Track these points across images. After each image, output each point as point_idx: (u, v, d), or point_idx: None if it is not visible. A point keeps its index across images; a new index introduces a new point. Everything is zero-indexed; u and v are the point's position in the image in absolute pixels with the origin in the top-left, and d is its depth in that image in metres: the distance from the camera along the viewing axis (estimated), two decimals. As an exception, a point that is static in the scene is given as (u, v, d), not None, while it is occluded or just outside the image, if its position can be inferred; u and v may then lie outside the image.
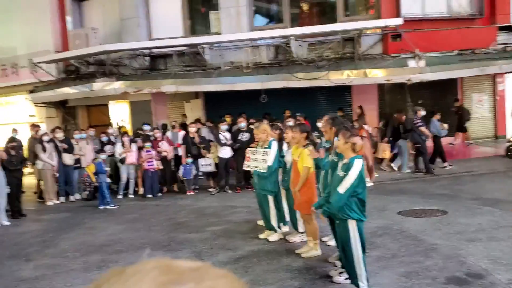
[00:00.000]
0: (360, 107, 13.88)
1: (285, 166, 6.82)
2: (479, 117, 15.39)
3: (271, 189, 6.88)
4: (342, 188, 4.55)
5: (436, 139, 12.21)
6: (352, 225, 4.67)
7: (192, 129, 11.80)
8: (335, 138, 5.28)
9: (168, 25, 14.57)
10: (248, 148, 7.72)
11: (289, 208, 6.91)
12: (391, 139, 12.35)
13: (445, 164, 12.16)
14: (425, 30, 12.52)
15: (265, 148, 6.92)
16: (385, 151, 12.43)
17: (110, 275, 0.73)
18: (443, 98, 15.30)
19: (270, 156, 6.76)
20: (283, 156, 7.07)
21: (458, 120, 14.30)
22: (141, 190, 11.76)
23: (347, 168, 4.62)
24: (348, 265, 4.83)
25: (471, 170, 11.92)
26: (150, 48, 14.01)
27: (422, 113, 11.80)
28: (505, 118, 15.03)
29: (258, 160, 7.09)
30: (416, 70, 11.89)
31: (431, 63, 12.06)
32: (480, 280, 5.02)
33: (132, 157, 11.31)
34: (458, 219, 7.47)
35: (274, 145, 6.89)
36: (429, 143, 12.07)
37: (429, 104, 14.90)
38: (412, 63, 11.94)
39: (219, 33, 13.92)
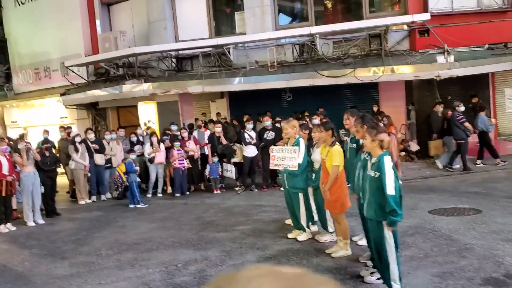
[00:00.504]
0: (377, 105, 13.69)
1: (313, 165, 6.80)
2: (511, 113, 14.98)
3: (302, 186, 6.87)
4: (390, 189, 4.46)
5: (485, 134, 12.06)
6: (385, 226, 4.62)
7: (218, 129, 11.90)
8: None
9: (194, 26, 14.71)
10: (272, 147, 7.65)
11: (318, 207, 6.89)
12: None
13: (497, 161, 11.92)
14: (454, 25, 12.26)
15: (293, 145, 6.90)
16: (437, 147, 12.32)
17: (221, 282, 0.76)
18: (475, 93, 14.96)
19: (300, 153, 6.74)
20: (310, 155, 7.05)
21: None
22: (169, 189, 11.94)
23: (377, 167, 4.58)
24: (381, 265, 4.78)
25: (505, 167, 11.64)
26: (176, 50, 14.17)
27: (461, 108, 11.60)
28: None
29: (287, 158, 7.04)
30: (445, 66, 11.67)
31: (460, 58, 11.81)
32: (517, 281, 4.91)
33: (160, 157, 11.49)
34: (493, 218, 7.30)
35: (302, 142, 6.88)
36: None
37: (459, 100, 14.63)
38: (440, 59, 11.72)
39: (244, 33, 13.97)
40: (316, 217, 7.16)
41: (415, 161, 13.07)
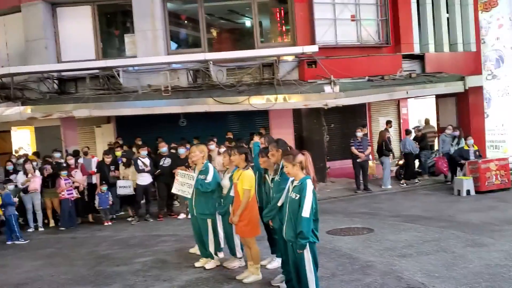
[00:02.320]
0: (265, 129, 14.12)
1: (221, 190, 6.67)
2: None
3: (211, 212, 6.67)
4: (306, 212, 4.51)
5: (410, 156, 13.14)
6: (306, 247, 4.63)
7: (108, 159, 11.18)
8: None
9: (78, 47, 13.87)
10: (179, 170, 7.43)
11: (226, 233, 6.74)
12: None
13: (416, 180, 13.24)
14: (338, 57, 13.22)
15: (201, 171, 6.70)
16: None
17: None
18: (353, 121, 16.21)
19: (209, 176, 6.55)
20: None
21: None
22: (52, 222, 10.87)
23: (299, 189, 4.61)
24: (300, 286, 4.76)
25: (385, 189, 12.65)
26: (59, 71, 13.19)
27: (359, 134, 12.38)
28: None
29: (186, 184, 6.87)
30: (332, 96, 12.47)
31: (345, 88, 12.74)
32: (419, 293, 5.24)
33: (35, 183, 10.41)
34: (385, 236, 7.81)
35: (211, 167, 6.72)
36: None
37: (341, 127, 15.74)
38: (328, 89, 12.51)
39: (134, 56, 13.52)
40: (222, 244, 6.99)
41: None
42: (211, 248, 6.71)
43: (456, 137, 12.85)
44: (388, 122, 14.14)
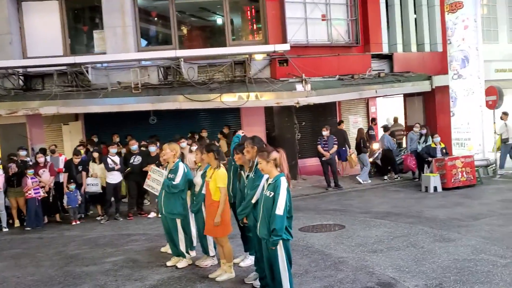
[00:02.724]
0: (228, 127, 14.14)
1: (194, 188, 6.61)
2: (355, 137, 16.68)
3: (180, 212, 6.60)
4: (279, 210, 4.51)
5: (390, 152, 13.48)
6: (279, 245, 4.64)
7: (76, 159, 10.93)
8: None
9: (45, 42, 13.49)
10: (152, 166, 7.37)
11: (199, 231, 6.68)
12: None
13: (395, 176, 13.75)
14: (309, 56, 13.33)
15: (171, 169, 6.63)
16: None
17: None
18: (324, 119, 16.35)
19: (178, 176, 6.49)
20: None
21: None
22: (17, 222, 10.55)
23: (273, 187, 4.61)
24: (274, 284, 4.77)
25: (355, 186, 12.84)
26: (25, 67, 12.80)
27: (324, 133, 12.52)
28: (378, 137, 16.51)
29: (156, 180, 6.81)
30: (303, 94, 12.57)
31: (316, 87, 12.85)
32: (391, 288, 5.33)
33: None
34: (356, 232, 7.92)
35: (182, 166, 6.65)
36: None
37: (312, 125, 15.86)
38: (299, 87, 12.59)
39: (104, 53, 13.25)
40: (195, 242, 6.94)
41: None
42: (182, 247, 6.65)
43: (424, 135, 13.15)
44: (373, 120, 14.83)
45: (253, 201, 5.17)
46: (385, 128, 14.02)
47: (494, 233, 7.42)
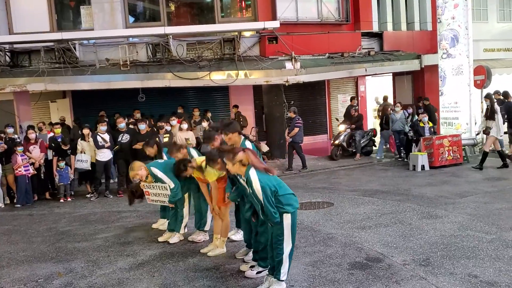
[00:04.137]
0: (183, 107, 13.93)
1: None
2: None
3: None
4: (262, 200, 4.55)
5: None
6: (286, 220, 4.70)
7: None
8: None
9: (32, 18, 13.23)
10: (142, 183, 6.79)
11: (201, 210, 6.67)
12: None
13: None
14: (299, 34, 13.26)
15: (154, 180, 6.47)
16: None
17: None
18: (313, 98, 16.40)
19: (165, 180, 6.36)
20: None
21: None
22: (6, 199, 10.52)
23: (248, 183, 4.62)
24: (276, 260, 4.82)
25: (343, 164, 12.96)
26: (11, 43, 12.56)
27: (289, 114, 12.54)
28: (367, 116, 16.62)
29: (161, 194, 6.61)
30: (293, 72, 12.54)
31: (305, 65, 12.82)
32: (379, 264, 5.44)
33: None
34: (345, 210, 8.04)
35: (156, 170, 6.41)
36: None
37: (300, 104, 15.90)
38: (289, 65, 12.56)
39: (91, 29, 13.04)
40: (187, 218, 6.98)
41: (266, 161, 13.74)
42: (185, 221, 6.79)
43: (410, 115, 13.25)
44: (385, 99, 15.13)
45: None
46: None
47: (479, 210, 7.59)
